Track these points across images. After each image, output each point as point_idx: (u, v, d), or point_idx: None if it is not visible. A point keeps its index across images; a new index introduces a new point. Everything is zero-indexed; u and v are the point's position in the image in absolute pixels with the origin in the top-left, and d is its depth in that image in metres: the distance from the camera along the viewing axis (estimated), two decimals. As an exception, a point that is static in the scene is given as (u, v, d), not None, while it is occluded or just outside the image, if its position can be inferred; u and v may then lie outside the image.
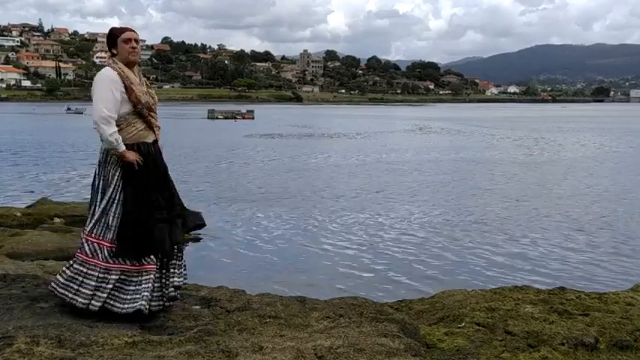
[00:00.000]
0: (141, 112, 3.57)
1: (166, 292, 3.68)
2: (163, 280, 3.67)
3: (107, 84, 3.49)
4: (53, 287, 3.62)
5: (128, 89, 3.51)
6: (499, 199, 15.68)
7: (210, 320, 3.63)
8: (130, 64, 3.61)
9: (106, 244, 3.52)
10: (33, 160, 24.30)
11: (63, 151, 27.94)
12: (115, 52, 3.62)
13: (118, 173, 3.54)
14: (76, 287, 3.52)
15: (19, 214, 11.06)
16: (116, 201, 3.52)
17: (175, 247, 3.72)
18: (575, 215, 13.48)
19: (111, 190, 3.53)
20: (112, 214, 3.52)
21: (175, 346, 3.16)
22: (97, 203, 3.57)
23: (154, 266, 3.59)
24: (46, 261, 6.63)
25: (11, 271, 4.71)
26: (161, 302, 3.66)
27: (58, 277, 3.63)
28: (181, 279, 3.81)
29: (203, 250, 10.07)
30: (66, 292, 3.54)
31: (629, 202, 15.23)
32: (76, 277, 3.54)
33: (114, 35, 3.63)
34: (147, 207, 3.52)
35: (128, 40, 3.60)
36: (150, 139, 3.66)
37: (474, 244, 10.71)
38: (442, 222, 12.65)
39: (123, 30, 3.65)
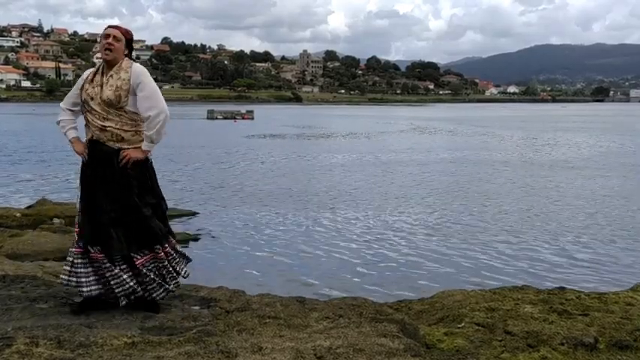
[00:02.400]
0: (82, 109, 3.68)
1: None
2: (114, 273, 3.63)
3: (78, 81, 3.77)
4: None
5: (81, 87, 3.67)
6: (498, 199, 15.68)
7: (210, 321, 3.62)
8: (106, 62, 3.63)
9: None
10: (32, 161, 24.31)
11: (62, 152, 27.88)
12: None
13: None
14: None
15: (18, 214, 11.07)
16: None
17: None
18: (574, 215, 13.48)
19: None
20: None
21: (175, 346, 3.16)
22: None
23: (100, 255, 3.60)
24: (45, 261, 6.64)
25: (10, 272, 4.71)
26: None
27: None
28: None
29: (202, 251, 10.06)
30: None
31: (628, 202, 15.23)
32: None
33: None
34: (81, 200, 3.67)
35: (105, 37, 3.62)
36: (87, 136, 3.68)
37: (474, 244, 10.71)
38: (441, 222, 12.65)
39: (106, 27, 3.68)
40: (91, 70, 3.73)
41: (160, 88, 3.89)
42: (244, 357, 3.06)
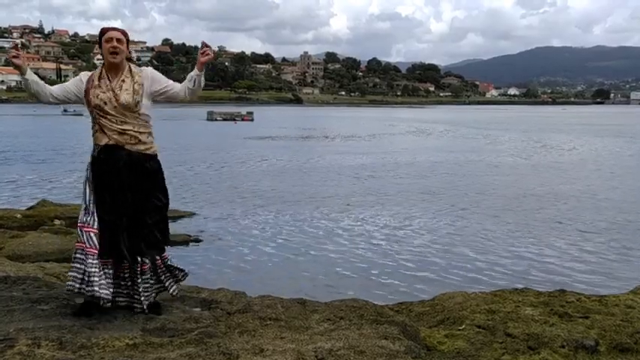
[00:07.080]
0: (92, 113, 3.65)
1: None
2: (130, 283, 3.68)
3: (73, 79, 3.76)
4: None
5: (86, 91, 3.61)
6: (498, 201, 15.68)
7: (211, 322, 3.63)
8: (111, 66, 3.61)
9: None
10: (33, 162, 24.31)
11: (63, 153, 27.94)
12: (101, 52, 3.64)
13: (88, 171, 3.67)
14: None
15: (19, 215, 11.07)
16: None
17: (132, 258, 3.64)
18: (574, 217, 13.48)
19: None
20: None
21: (176, 348, 3.17)
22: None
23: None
24: (46, 263, 6.63)
25: (12, 273, 4.71)
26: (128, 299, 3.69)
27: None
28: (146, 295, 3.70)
29: (203, 252, 10.07)
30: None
31: (628, 205, 15.23)
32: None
33: (100, 35, 3.66)
34: (98, 207, 3.60)
35: (109, 40, 3.59)
36: (102, 141, 3.61)
37: (474, 246, 10.71)
38: (442, 224, 12.65)
39: (106, 30, 3.64)
40: (91, 73, 3.69)
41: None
42: (245, 359, 3.07)
